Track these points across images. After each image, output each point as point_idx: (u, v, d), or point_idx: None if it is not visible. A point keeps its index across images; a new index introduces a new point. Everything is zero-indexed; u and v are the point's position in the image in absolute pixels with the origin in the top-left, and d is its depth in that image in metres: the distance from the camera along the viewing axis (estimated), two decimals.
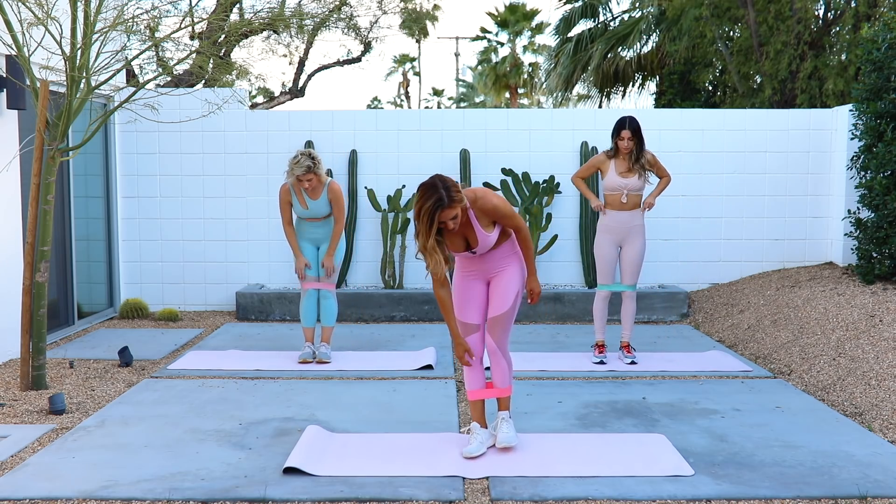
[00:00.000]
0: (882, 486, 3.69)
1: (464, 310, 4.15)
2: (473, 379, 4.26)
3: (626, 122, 5.91)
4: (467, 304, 4.15)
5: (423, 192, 3.72)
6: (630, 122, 5.92)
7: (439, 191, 3.70)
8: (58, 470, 3.91)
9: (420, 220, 3.73)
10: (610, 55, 14.68)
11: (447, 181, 3.76)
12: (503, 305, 4.12)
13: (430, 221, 3.70)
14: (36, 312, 5.30)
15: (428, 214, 3.69)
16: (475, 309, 4.16)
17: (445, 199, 3.69)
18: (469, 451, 4.06)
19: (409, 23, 16.08)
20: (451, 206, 3.71)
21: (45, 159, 5.27)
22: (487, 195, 3.93)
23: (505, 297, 4.11)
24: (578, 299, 7.90)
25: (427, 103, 43.07)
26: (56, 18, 5.09)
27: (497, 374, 4.26)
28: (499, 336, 4.17)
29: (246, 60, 15.28)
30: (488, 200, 3.91)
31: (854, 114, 7.50)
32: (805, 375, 5.63)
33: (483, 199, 3.91)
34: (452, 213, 3.73)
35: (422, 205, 3.71)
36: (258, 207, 8.45)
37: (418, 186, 3.77)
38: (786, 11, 10.85)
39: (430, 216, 3.69)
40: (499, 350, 4.19)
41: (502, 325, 4.16)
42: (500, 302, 4.12)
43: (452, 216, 3.74)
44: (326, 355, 6.09)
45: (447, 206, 3.70)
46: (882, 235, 6.94)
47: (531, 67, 28.71)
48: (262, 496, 3.59)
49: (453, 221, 3.77)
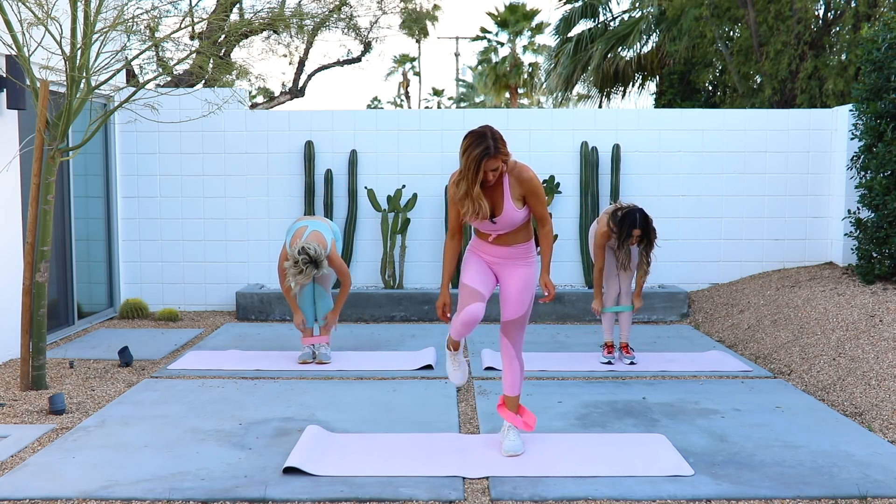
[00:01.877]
0: (882, 486, 3.69)
1: (473, 275, 4.08)
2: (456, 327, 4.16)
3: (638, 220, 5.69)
4: (478, 273, 4.09)
5: (473, 139, 3.78)
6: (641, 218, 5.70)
7: (488, 140, 3.76)
8: (58, 470, 3.91)
9: (465, 167, 3.78)
10: (610, 55, 14.69)
11: (496, 133, 3.81)
12: (520, 308, 4.09)
13: (477, 168, 3.75)
14: (36, 312, 5.30)
15: (475, 161, 3.74)
16: (483, 278, 4.08)
17: (492, 149, 3.75)
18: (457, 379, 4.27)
19: (409, 23, 16.08)
20: (495, 157, 3.77)
21: (45, 159, 5.27)
22: (528, 167, 3.98)
23: (522, 299, 4.08)
24: (578, 299, 7.90)
25: (427, 103, 43.08)
26: (56, 18, 5.09)
27: (510, 379, 4.22)
28: (515, 338, 4.17)
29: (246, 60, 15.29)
30: (528, 170, 3.95)
31: (854, 114, 7.50)
32: (805, 375, 5.63)
33: (523, 167, 3.95)
34: (496, 164, 3.79)
35: (469, 151, 3.76)
36: (258, 207, 8.46)
37: (467, 133, 3.83)
38: (786, 11, 10.85)
39: (477, 163, 3.74)
40: (515, 352, 4.18)
41: (519, 328, 4.15)
42: (517, 305, 4.09)
43: (495, 167, 3.79)
44: (326, 356, 6.08)
45: (493, 155, 3.76)
46: (882, 235, 6.94)
47: (531, 67, 28.70)
48: (262, 496, 3.59)
49: (494, 173, 3.81)
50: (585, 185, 8.38)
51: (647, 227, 5.73)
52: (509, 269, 4.09)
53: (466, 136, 3.81)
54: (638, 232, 5.71)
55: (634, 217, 5.71)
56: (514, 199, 3.92)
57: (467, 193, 3.83)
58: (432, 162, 8.44)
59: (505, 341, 4.19)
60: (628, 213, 5.75)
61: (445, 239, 4.16)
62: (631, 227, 5.70)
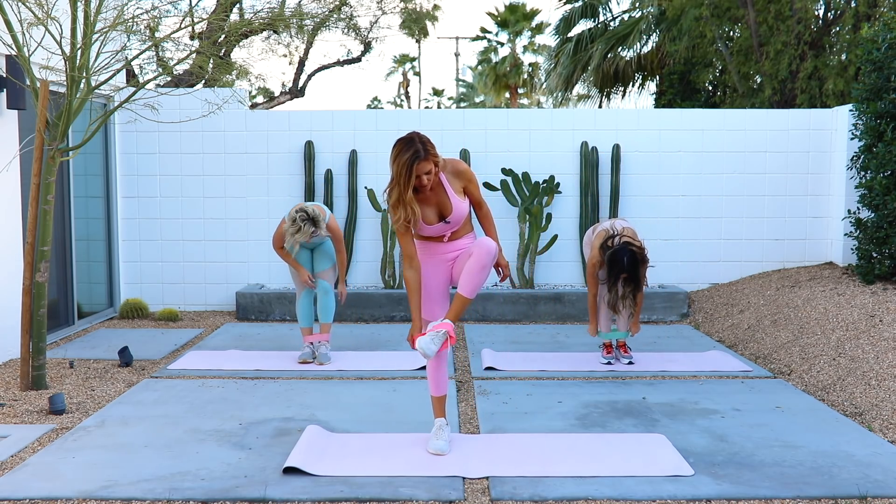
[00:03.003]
0: (882, 486, 3.69)
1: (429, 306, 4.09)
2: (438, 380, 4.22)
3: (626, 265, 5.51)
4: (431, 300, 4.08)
5: (401, 146, 3.79)
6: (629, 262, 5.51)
7: (416, 144, 3.78)
8: (58, 470, 3.91)
9: (397, 174, 3.79)
10: (610, 55, 14.69)
11: (423, 137, 3.83)
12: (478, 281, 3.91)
13: (409, 174, 3.76)
14: (36, 312, 5.30)
15: (406, 166, 3.75)
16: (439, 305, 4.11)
17: (422, 152, 3.76)
18: (438, 447, 4.09)
19: (409, 23, 16.08)
20: (426, 160, 3.77)
21: (45, 159, 5.27)
22: (455, 159, 4.04)
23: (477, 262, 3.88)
24: (578, 299, 7.90)
25: (427, 103, 43.08)
26: (56, 18, 5.09)
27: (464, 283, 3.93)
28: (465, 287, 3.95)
29: (246, 60, 15.28)
30: (459, 162, 4.03)
31: (854, 114, 7.50)
32: (805, 375, 5.63)
33: (454, 161, 4.03)
34: (428, 167, 3.79)
35: (399, 157, 3.77)
36: (258, 207, 8.45)
37: (395, 141, 3.84)
38: (786, 11, 10.85)
39: (408, 168, 3.75)
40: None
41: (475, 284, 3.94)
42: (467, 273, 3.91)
43: (427, 170, 3.80)
44: (326, 356, 6.07)
45: (423, 158, 3.76)
46: (882, 235, 6.94)
47: (531, 67, 28.70)
48: (262, 496, 3.59)
49: (427, 177, 3.82)
50: (585, 185, 8.38)
51: (634, 270, 5.56)
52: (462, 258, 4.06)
53: (395, 144, 3.82)
54: (625, 276, 5.59)
55: (622, 262, 5.53)
56: (457, 194, 3.98)
57: (399, 200, 3.82)
58: None
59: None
60: (616, 255, 5.54)
61: (404, 268, 4.01)
62: (619, 273, 5.57)
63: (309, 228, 5.61)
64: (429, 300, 4.11)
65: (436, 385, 4.23)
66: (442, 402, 4.28)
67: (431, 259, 4.10)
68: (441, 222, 3.98)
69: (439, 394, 4.25)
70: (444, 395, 4.27)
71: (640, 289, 5.72)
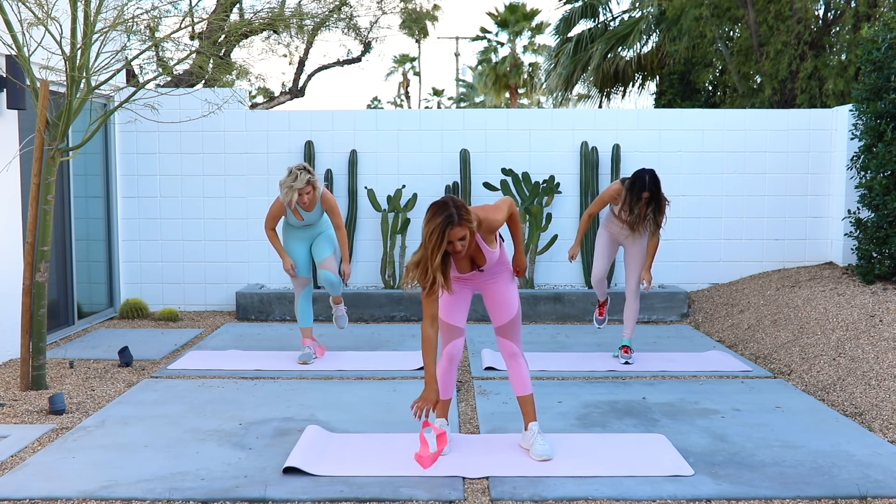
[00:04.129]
0: (882, 486, 3.69)
1: (451, 312, 4.11)
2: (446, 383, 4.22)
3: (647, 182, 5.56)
4: (456, 306, 4.12)
5: (434, 210, 3.68)
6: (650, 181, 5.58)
7: (450, 209, 3.65)
8: (58, 470, 3.91)
9: (429, 238, 3.64)
10: (610, 55, 14.69)
11: (458, 201, 3.72)
12: (510, 311, 4.14)
13: (441, 239, 3.62)
14: (36, 312, 5.30)
15: (438, 231, 3.61)
16: (462, 312, 4.15)
17: (455, 217, 3.64)
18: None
19: (409, 23, 16.08)
20: (460, 225, 3.66)
21: (45, 159, 5.27)
22: (488, 215, 3.90)
23: (509, 301, 4.13)
24: (578, 299, 7.90)
25: (427, 103, 43.08)
26: (56, 18, 5.09)
27: (518, 379, 4.19)
28: (514, 335, 4.18)
29: (246, 60, 15.28)
30: (491, 220, 3.91)
31: (854, 114, 7.50)
32: (805, 375, 5.63)
33: (486, 220, 3.89)
34: (461, 233, 3.68)
35: (431, 221, 3.64)
36: (258, 207, 8.45)
37: (429, 205, 3.73)
38: (786, 11, 10.85)
39: (441, 233, 3.61)
40: (518, 351, 4.18)
41: (514, 327, 4.17)
42: (506, 309, 4.13)
43: (461, 236, 3.69)
44: (343, 318, 6.28)
45: (457, 223, 3.64)
46: (882, 235, 6.94)
47: (531, 67, 28.71)
48: (262, 496, 3.59)
49: (461, 243, 3.71)
50: (585, 185, 8.38)
51: (656, 188, 5.62)
52: (490, 279, 4.14)
53: (429, 208, 3.71)
54: (647, 195, 5.61)
55: (644, 178, 5.59)
56: (489, 245, 3.97)
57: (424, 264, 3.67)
58: (432, 162, 8.44)
59: (505, 342, 4.19)
60: (638, 174, 5.63)
61: (423, 325, 3.86)
62: (641, 189, 5.60)
63: (305, 177, 5.63)
64: (455, 307, 4.11)
65: (443, 387, 4.24)
66: (446, 405, 4.31)
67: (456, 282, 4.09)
68: (474, 270, 4.04)
69: (445, 396, 4.26)
70: (450, 399, 4.32)
71: (661, 210, 5.68)
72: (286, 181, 5.68)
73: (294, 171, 5.68)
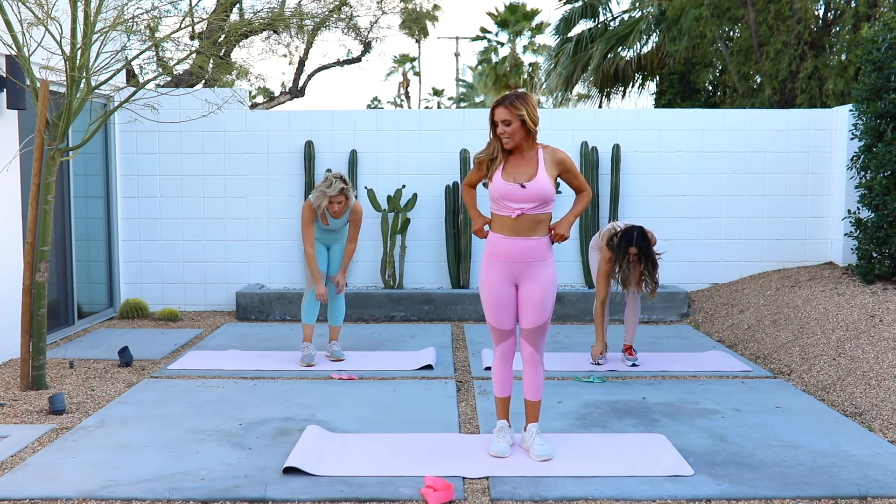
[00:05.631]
0: (882, 486, 3.69)
1: (499, 316, 4.08)
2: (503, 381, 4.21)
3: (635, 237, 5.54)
4: (501, 308, 4.07)
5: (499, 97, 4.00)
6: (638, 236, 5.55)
7: (509, 93, 3.96)
8: (58, 470, 3.91)
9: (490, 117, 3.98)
10: (610, 55, 14.69)
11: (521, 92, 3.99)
12: (542, 316, 4.05)
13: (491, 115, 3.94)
14: (36, 312, 5.30)
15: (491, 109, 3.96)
16: (509, 314, 4.09)
17: (506, 100, 3.90)
18: (499, 450, 4.06)
19: (409, 23, 16.07)
20: (507, 107, 3.88)
21: (45, 159, 5.27)
22: (560, 150, 4.08)
23: (544, 306, 4.04)
24: (578, 299, 7.90)
25: (427, 103, 43.07)
26: (56, 18, 5.09)
27: (532, 385, 4.15)
28: (539, 342, 4.10)
29: (246, 60, 15.27)
30: (561, 151, 4.05)
31: (854, 114, 7.50)
32: (805, 375, 5.63)
33: (556, 149, 4.06)
34: (505, 115, 3.88)
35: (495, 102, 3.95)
36: (258, 207, 8.46)
37: None
38: (786, 11, 10.85)
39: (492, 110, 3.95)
40: (538, 358, 4.11)
41: (541, 334, 4.10)
42: (539, 312, 4.04)
43: (504, 118, 3.88)
44: (340, 353, 6.17)
45: (504, 104, 3.88)
46: (882, 235, 6.94)
47: (531, 67, 28.70)
48: (262, 496, 3.59)
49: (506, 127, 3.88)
50: None
51: (645, 246, 5.58)
52: (530, 273, 4.02)
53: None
54: (635, 250, 5.58)
55: (631, 234, 5.56)
56: (547, 172, 3.96)
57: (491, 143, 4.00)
58: (432, 162, 8.44)
59: (527, 347, 4.11)
60: (623, 232, 5.61)
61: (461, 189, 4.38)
62: (627, 245, 5.58)
63: (339, 186, 5.70)
64: (499, 306, 4.08)
65: (499, 385, 4.22)
66: (505, 403, 4.25)
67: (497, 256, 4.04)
68: (517, 184, 3.92)
69: (502, 395, 4.22)
70: (508, 397, 4.25)
71: (654, 267, 5.68)
72: (321, 185, 5.77)
73: (330, 178, 5.75)
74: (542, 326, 4.08)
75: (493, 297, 4.07)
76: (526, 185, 3.91)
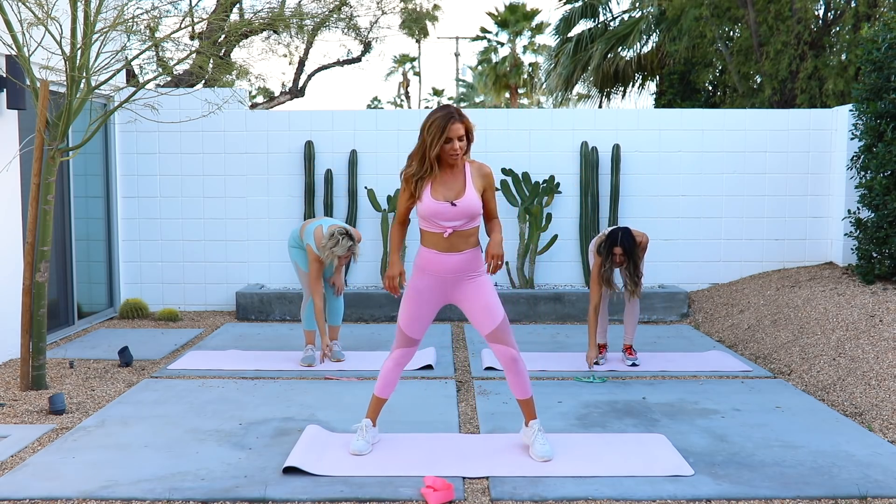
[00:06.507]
0: (882, 486, 3.69)
1: (413, 323, 4.08)
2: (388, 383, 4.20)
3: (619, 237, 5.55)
4: (419, 320, 4.07)
5: (436, 111, 3.88)
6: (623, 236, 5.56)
7: (451, 109, 3.86)
8: (58, 470, 3.91)
9: (428, 129, 3.81)
10: (610, 55, 14.69)
11: (458, 109, 3.90)
12: (497, 314, 4.03)
13: (441, 130, 3.79)
14: (36, 312, 5.30)
15: (440, 124, 3.80)
16: (423, 325, 4.11)
17: (456, 115, 3.83)
18: (357, 448, 4.06)
19: (409, 23, 16.08)
20: (461, 122, 3.82)
21: (45, 159, 5.27)
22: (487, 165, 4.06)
23: (491, 311, 4.01)
24: (578, 299, 7.90)
25: (427, 103, 43.07)
26: (56, 18, 5.09)
27: (518, 385, 4.11)
28: (507, 339, 4.05)
29: (246, 60, 15.28)
30: (487, 167, 4.03)
31: (854, 114, 7.50)
32: (805, 375, 5.63)
33: (482, 164, 4.03)
34: (460, 132, 3.82)
35: (432, 116, 3.84)
36: (258, 207, 8.46)
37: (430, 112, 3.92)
38: (786, 11, 10.85)
39: (442, 126, 3.79)
40: (517, 355, 4.07)
41: (505, 330, 4.06)
42: (490, 317, 4.01)
43: (460, 134, 3.82)
44: (340, 354, 6.17)
45: (458, 119, 3.82)
46: (882, 235, 6.94)
47: (531, 67, 28.71)
48: (262, 496, 3.59)
49: (460, 144, 3.83)
50: (585, 185, 8.39)
51: (629, 245, 5.57)
52: (465, 286, 4.03)
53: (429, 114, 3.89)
54: (619, 250, 5.58)
55: (616, 234, 5.57)
56: (475, 186, 3.95)
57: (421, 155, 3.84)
58: None
59: (499, 347, 4.05)
60: (610, 233, 5.64)
61: (393, 224, 4.17)
62: (612, 245, 5.60)
63: (347, 243, 5.65)
64: (419, 317, 4.07)
65: (382, 385, 4.20)
66: (380, 404, 4.24)
67: (429, 270, 4.03)
68: (447, 202, 3.88)
69: (381, 395, 4.21)
70: (385, 399, 4.24)
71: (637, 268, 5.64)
72: (327, 244, 5.65)
73: (336, 236, 5.64)
74: (501, 325, 4.03)
75: (415, 307, 4.06)
76: (456, 203, 3.88)
